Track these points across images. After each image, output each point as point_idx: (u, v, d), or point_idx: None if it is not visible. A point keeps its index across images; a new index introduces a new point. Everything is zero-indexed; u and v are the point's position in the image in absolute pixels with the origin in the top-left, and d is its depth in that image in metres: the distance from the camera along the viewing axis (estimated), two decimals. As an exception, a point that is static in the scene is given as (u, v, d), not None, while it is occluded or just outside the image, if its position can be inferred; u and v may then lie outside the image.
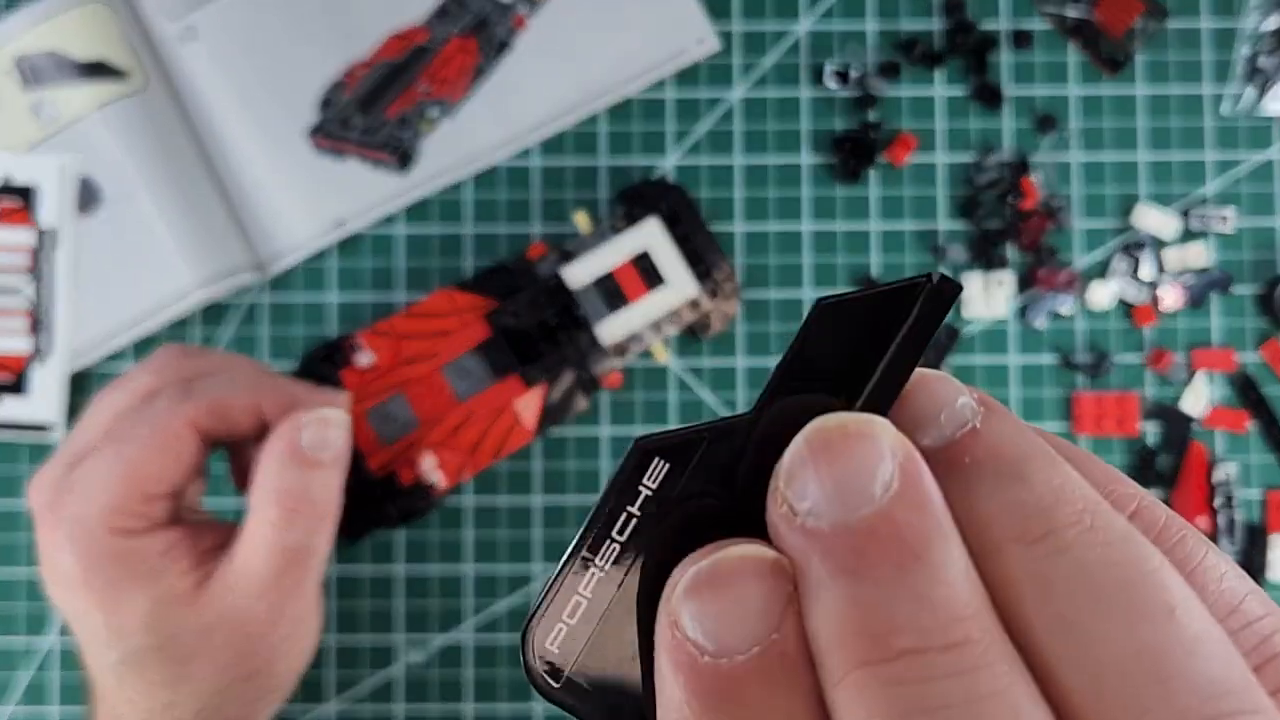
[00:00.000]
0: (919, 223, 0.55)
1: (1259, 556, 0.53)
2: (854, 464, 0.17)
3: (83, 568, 0.40)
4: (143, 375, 0.43)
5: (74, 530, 0.40)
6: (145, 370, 0.43)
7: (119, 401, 0.42)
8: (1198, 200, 0.55)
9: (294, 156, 0.54)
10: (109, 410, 0.43)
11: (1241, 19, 0.56)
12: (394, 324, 0.51)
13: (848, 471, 0.17)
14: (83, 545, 0.40)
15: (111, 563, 0.40)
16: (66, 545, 0.40)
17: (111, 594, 0.40)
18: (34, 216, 0.54)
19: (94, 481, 0.40)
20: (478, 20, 0.55)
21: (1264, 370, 0.55)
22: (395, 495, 0.50)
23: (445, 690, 0.53)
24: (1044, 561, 0.17)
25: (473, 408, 0.50)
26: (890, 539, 0.17)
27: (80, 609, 0.41)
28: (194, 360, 0.44)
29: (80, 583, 0.40)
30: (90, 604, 0.40)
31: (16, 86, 0.54)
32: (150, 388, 0.42)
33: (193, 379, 0.42)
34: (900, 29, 0.56)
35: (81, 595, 0.40)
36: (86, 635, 0.41)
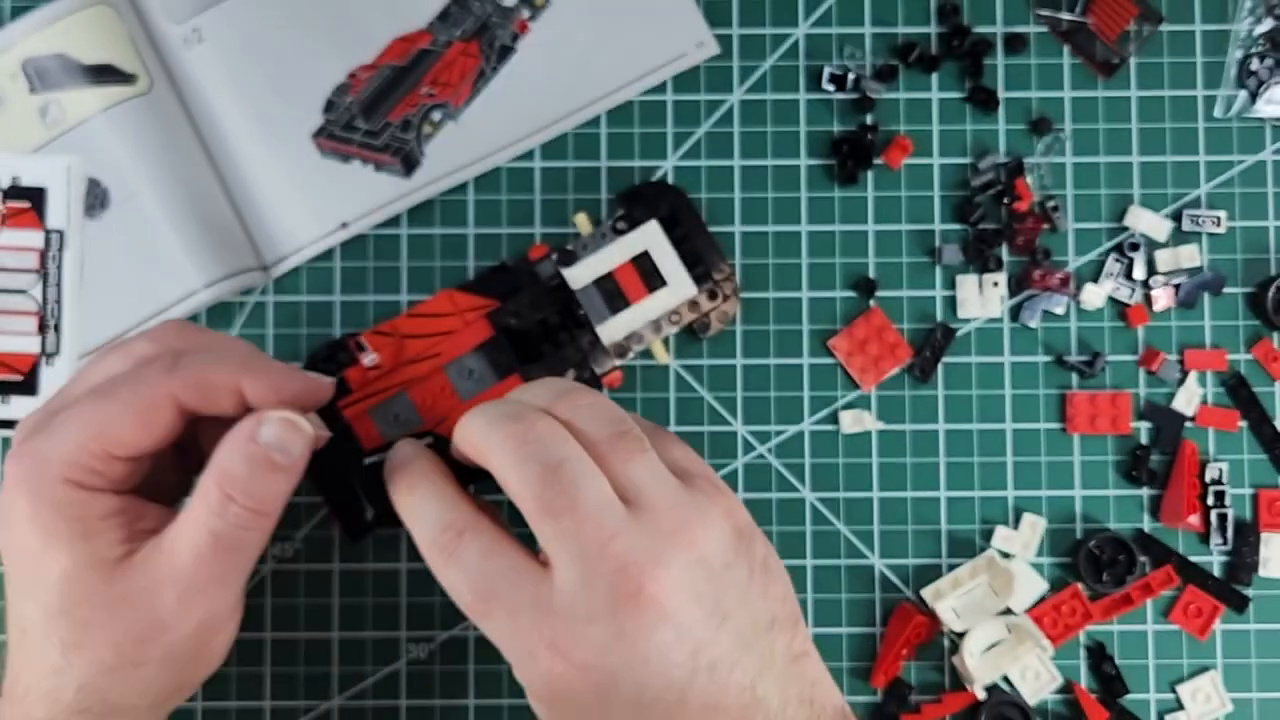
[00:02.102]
0: (915, 224, 0.56)
1: (1250, 554, 0.54)
2: None
3: (29, 505, 0.40)
4: (140, 342, 0.43)
5: (31, 469, 0.40)
6: (144, 338, 0.43)
7: (113, 363, 0.43)
8: (1191, 202, 0.56)
9: (299, 159, 0.55)
10: (102, 369, 0.43)
11: (1234, 22, 0.57)
12: (396, 324, 0.52)
13: None
14: (34, 484, 0.40)
15: (53, 509, 0.40)
16: (23, 479, 0.40)
17: (43, 540, 0.40)
18: (42, 218, 0.54)
19: (65, 429, 0.40)
20: (480, 24, 0.56)
21: (1255, 370, 0.55)
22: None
23: (447, 684, 0.54)
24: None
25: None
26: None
27: (17, 548, 0.40)
28: (191, 335, 0.44)
29: (23, 520, 0.40)
30: (24, 545, 0.40)
31: (23, 89, 0.54)
32: (145, 354, 0.43)
33: (184, 352, 0.42)
34: (897, 33, 0.56)
35: (18, 534, 0.40)
36: (11, 578, 0.41)
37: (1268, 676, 0.54)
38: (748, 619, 0.39)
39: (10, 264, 0.54)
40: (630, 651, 0.37)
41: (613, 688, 0.37)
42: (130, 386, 0.41)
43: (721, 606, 0.39)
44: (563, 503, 0.38)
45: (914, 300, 0.55)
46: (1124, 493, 0.55)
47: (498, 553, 0.39)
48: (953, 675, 0.54)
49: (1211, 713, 0.54)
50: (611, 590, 0.37)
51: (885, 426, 0.55)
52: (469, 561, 0.39)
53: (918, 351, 0.55)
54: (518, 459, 0.39)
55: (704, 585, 0.38)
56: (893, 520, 0.55)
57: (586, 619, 0.37)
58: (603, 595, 0.37)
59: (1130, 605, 0.54)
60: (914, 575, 0.55)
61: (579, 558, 0.38)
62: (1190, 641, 0.54)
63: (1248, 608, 0.54)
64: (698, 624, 0.38)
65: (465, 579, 0.39)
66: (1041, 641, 0.53)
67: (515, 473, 0.39)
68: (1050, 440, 0.55)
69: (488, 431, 0.40)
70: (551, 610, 0.38)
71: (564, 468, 0.38)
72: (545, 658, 0.38)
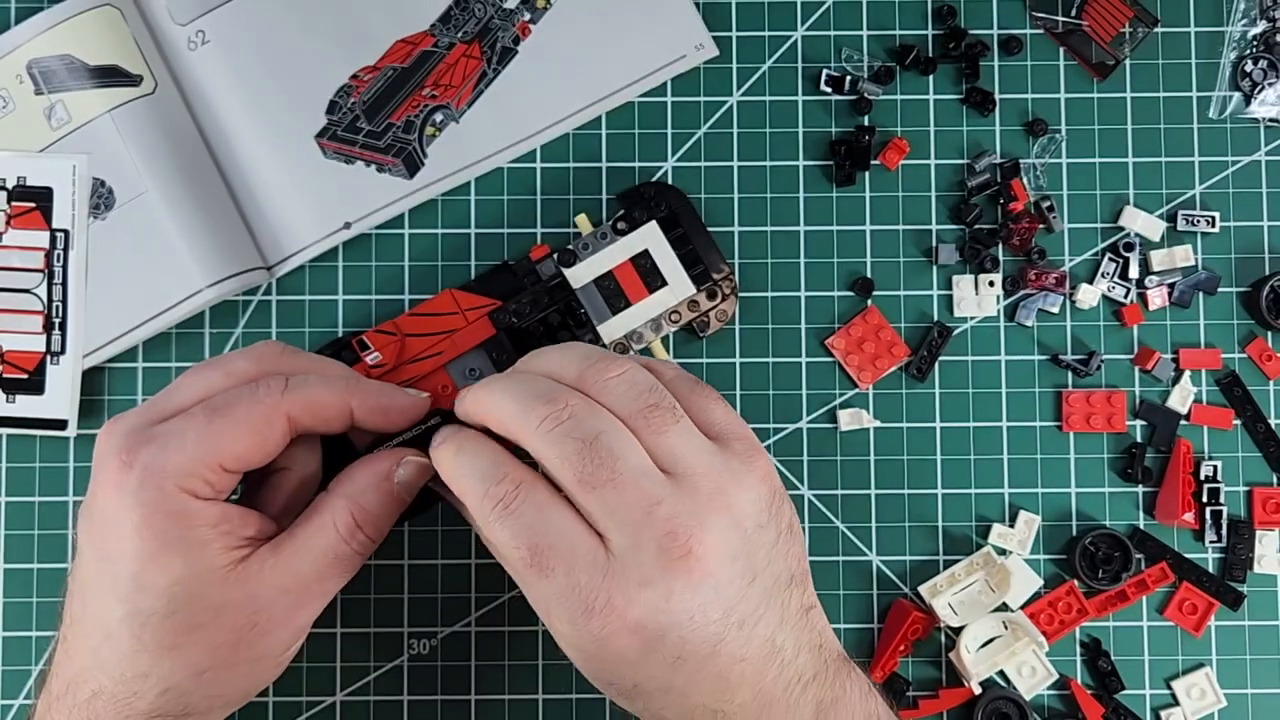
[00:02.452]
0: (912, 224, 0.56)
1: (1245, 551, 0.55)
2: None
3: (141, 514, 0.41)
4: (240, 361, 0.45)
5: (145, 476, 0.41)
6: (244, 358, 0.45)
7: (214, 379, 0.44)
8: (1185, 202, 0.56)
9: (302, 159, 0.55)
10: (202, 384, 0.44)
11: (1228, 25, 0.57)
12: (399, 323, 0.52)
13: None
14: (149, 493, 0.41)
15: (168, 518, 0.41)
16: (133, 488, 0.41)
17: (156, 547, 0.41)
18: (47, 218, 0.55)
19: (179, 439, 0.42)
20: (482, 26, 0.56)
21: (1249, 368, 0.56)
22: None
23: (449, 680, 0.55)
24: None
25: None
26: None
27: (114, 553, 0.42)
28: (291, 357, 0.46)
29: (130, 528, 0.41)
30: (128, 551, 0.41)
31: (29, 90, 0.55)
32: (246, 374, 0.44)
33: (290, 373, 0.45)
34: (894, 35, 0.57)
35: (123, 540, 0.41)
36: (101, 582, 0.42)
37: (1262, 672, 0.55)
38: (771, 577, 0.42)
39: (16, 263, 0.55)
40: (679, 611, 0.40)
41: (659, 643, 0.40)
42: (246, 405, 0.42)
43: (752, 566, 0.41)
44: (604, 474, 0.40)
45: (911, 299, 0.56)
46: (1119, 490, 0.55)
47: (553, 508, 0.41)
48: (949, 671, 0.55)
49: (1206, 708, 0.54)
50: (661, 553, 0.39)
51: (882, 424, 0.55)
52: (528, 516, 0.40)
53: (914, 350, 0.56)
54: (555, 438, 0.40)
55: (739, 546, 0.41)
56: (890, 517, 0.55)
57: (640, 582, 0.39)
58: (653, 558, 0.39)
59: (1125, 602, 0.54)
60: (911, 572, 0.55)
61: (626, 524, 0.40)
62: (1185, 637, 0.55)
63: (1242, 604, 0.55)
64: (732, 583, 0.40)
65: (524, 533, 0.40)
66: (1037, 638, 0.54)
67: (554, 450, 0.40)
68: (1046, 438, 0.56)
69: (520, 413, 0.41)
70: (608, 571, 0.40)
71: (601, 440, 0.40)
72: (600, 616, 0.39)
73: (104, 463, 0.42)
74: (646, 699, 0.42)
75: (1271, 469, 0.55)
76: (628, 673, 0.41)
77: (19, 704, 0.54)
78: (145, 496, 0.41)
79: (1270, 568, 0.55)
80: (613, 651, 0.40)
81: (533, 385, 0.42)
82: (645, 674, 0.41)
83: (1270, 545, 0.55)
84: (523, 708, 0.55)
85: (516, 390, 0.42)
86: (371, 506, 0.44)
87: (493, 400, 0.42)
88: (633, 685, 0.41)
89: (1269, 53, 0.57)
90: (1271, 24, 0.57)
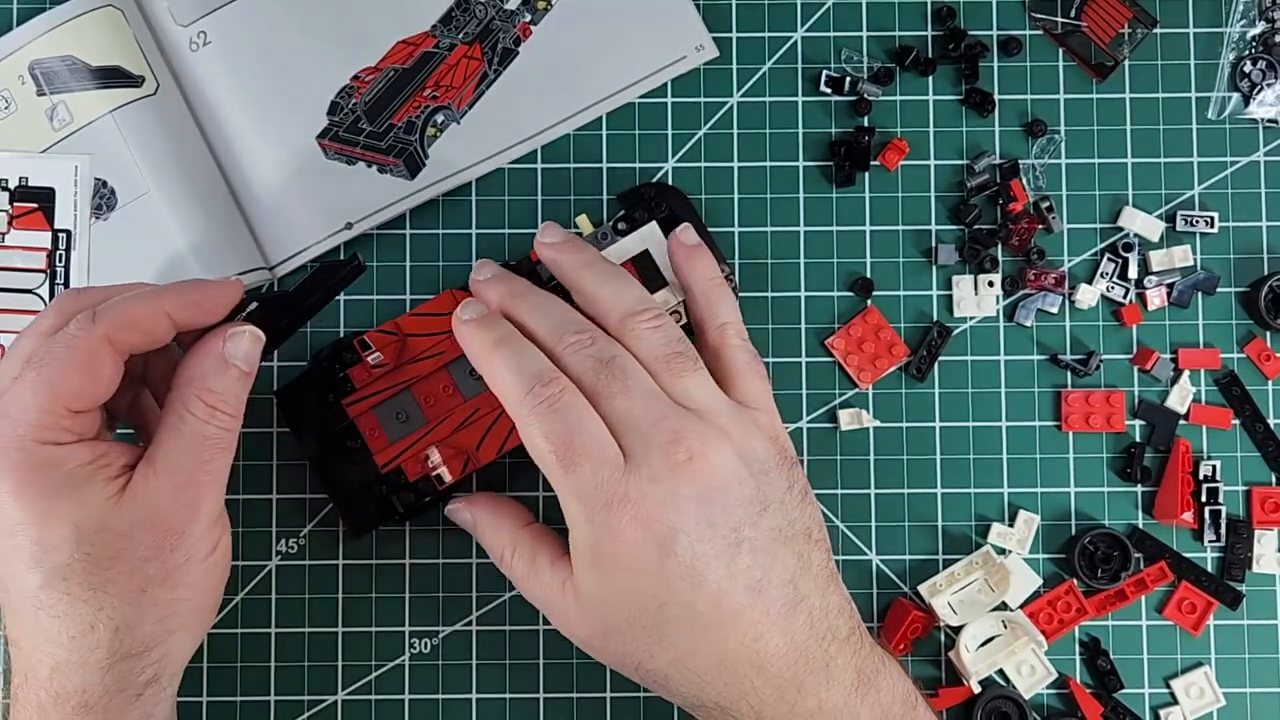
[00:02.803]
0: (911, 225, 0.56)
1: (1243, 551, 0.55)
2: None
3: (13, 481, 0.42)
4: (44, 318, 0.45)
5: (2, 445, 0.42)
6: (45, 315, 0.45)
7: (28, 345, 0.44)
8: (1184, 202, 0.57)
9: (303, 160, 0.55)
10: (19, 353, 0.44)
11: (1227, 26, 0.57)
12: (399, 323, 0.52)
13: None
14: (13, 458, 0.42)
15: (43, 471, 0.42)
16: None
17: (43, 504, 0.42)
18: (49, 218, 0.55)
19: (17, 401, 0.42)
20: (483, 27, 0.57)
21: (1248, 368, 0.56)
22: (401, 489, 0.52)
23: (451, 678, 0.55)
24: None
25: (477, 405, 0.52)
26: None
27: (5, 528, 0.42)
28: (88, 294, 0.46)
29: (9, 496, 0.42)
30: (18, 519, 0.42)
31: (31, 91, 0.55)
32: (55, 327, 0.44)
33: (94, 305, 0.45)
34: (894, 36, 0.57)
35: (8, 511, 0.42)
36: (10, 561, 0.42)
37: (1260, 671, 0.55)
38: (784, 519, 0.45)
39: (18, 264, 0.55)
40: (686, 514, 0.43)
41: (671, 545, 0.43)
42: (64, 345, 0.43)
43: (760, 497, 0.45)
44: (615, 386, 0.45)
45: (910, 300, 0.56)
46: (1118, 490, 0.56)
47: (588, 414, 0.44)
48: (949, 670, 0.55)
49: (1205, 707, 0.55)
50: (665, 456, 0.44)
51: (882, 424, 0.56)
52: (567, 416, 0.44)
53: (914, 350, 0.56)
54: (578, 355, 0.45)
55: (745, 474, 0.45)
56: (889, 517, 0.55)
57: (650, 479, 0.43)
58: (660, 459, 0.44)
59: (1124, 601, 0.55)
60: (910, 571, 0.55)
61: (637, 430, 0.44)
62: (1184, 637, 0.55)
63: (1241, 603, 0.55)
64: (739, 505, 0.44)
65: (561, 430, 0.44)
66: (1037, 637, 0.54)
67: (575, 364, 0.45)
68: (1045, 438, 0.56)
69: (553, 330, 0.46)
70: (626, 470, 0.44)
71: (616, 361, 0.45)
72: (616, 509, 0.43)
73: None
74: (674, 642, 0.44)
75: (1270, 469, 0.56)
76: (649, 587, 0.43)
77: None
78: (10, 461, 0.42)
79: (1269, 567, 0.55)
80: (629, 553, 0.43)
81: (564, 313, 0.47)
82: (666, 590, 0.43)
83: (1269, 545, 0.55)
84: (524, 706, 0.55)
85: (552, 312, 0.47)
86: (217, 387, 0.45)
87: (534, 314, 0.47)
88: (659, 607, 0.43)
89: (1268, 53, 0.57)
90: (1270, 25, 0.57)
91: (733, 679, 0.44)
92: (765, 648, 0.44)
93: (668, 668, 0.45)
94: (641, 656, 0.45)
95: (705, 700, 0.45)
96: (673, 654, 0.44)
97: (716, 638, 0.44)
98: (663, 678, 0.45)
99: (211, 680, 0.54)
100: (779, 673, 0.44)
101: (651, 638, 0.44)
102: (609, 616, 0.45)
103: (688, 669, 0.44)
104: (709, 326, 0.50)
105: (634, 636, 0.45)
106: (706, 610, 0.43)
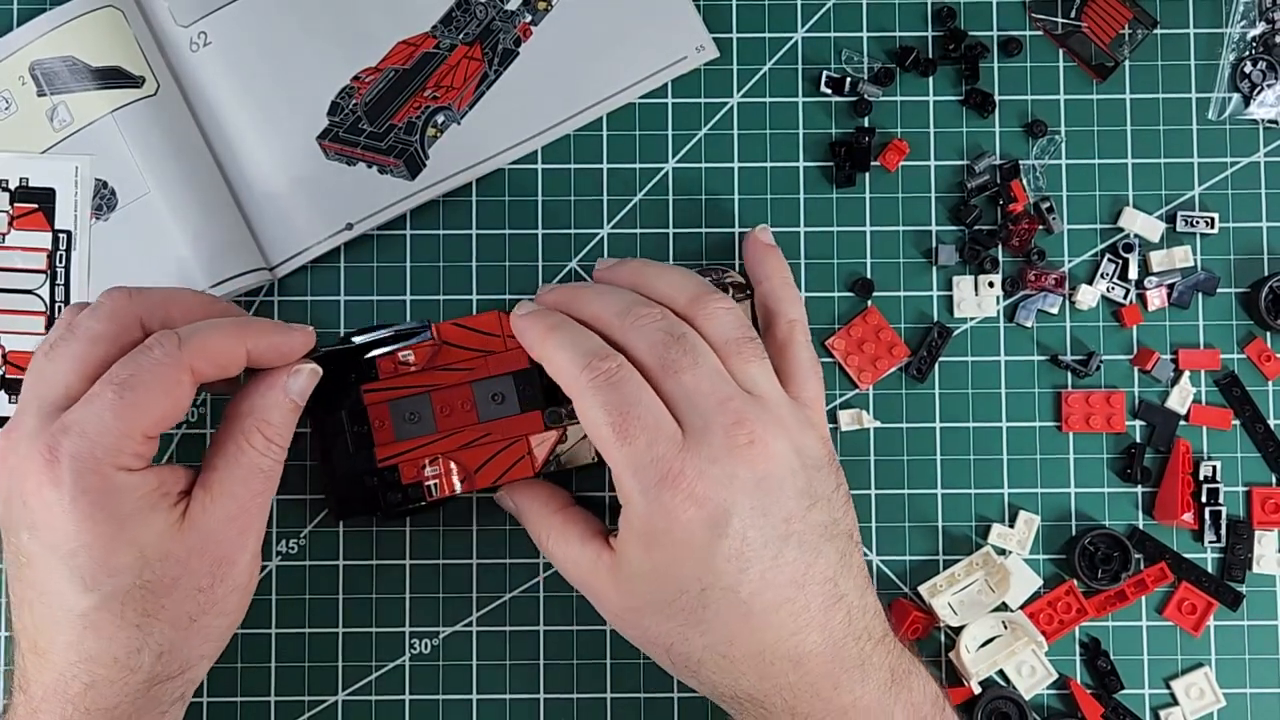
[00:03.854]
0: (911, 225, 0.56)
1: (1244, 551, 0.55)
2: None
3: (86, 504, 0.42)
4: (96, 324, 0.44)
5: (77, 467, 0.42)
6: (97, 319, 0.44)
7: (81, 350, 0.44)
8: (1184, 203, 0.57)
9: (304, 161, 0.55)
10: (71, 359, 0.44)
11: (1227, 26, 0.57)
12: (439, 328, 0.51)
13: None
14: (88, 481, 0.42)
15: (117, 498, 0.42)
16: (68, 482, 0.41)
17: (113, 528, 0.42)
18: (50, 219, 0.55)
19: (96, 422, 0.42)
20: (483, 28, 0.57)
21: (1248, 369, 0.56)
22: (390, 489, 0.51)
23: (451, 679, 0.55)
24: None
25: (490, 430, 0.51)
26: None
27: (67, 549, 0.42)
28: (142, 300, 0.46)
29: (78, 518, 0.42)
30: (85, 541, 0.42)
31: (31, 91, 0.55)
32: (110, 335, 0.44)
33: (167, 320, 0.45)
34: (894, 37, 0.57)
35: (73, 532, 0.42)
36: (59, 580, 0.42)
37: (1261, 672, 0.55)
38: (830, 516, 0.45)
39: (19, 264, 0.55)
40: (741, 497, 0.43)
41: (724, 527, 0.43)
42: (150, 371, 0.43)
43: (811, 491, 0.45)
44: (686, 361, 0.45)
45: (910, 300, 0.56)
46: (1119, 490, 0.56)
47: (646, 389, 0.45)
48: (949, 670, 0.55)
49: (1205, 708, 0.55)
50: (727, 437, 0.44)
51: (882, 425, 0.56)
52: (625, 389, 0.44)
53: (914, 351, 0.56)
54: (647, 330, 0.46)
55: (798, 466, 0.45)
56: (890, 517, 0.55)
57: (709, 458, 0.43)
58: (720, 439, 0.43)
59: (1125, 601, 0.55)
60: (911, 571, 0.55)
61: (700, 408, 0.44)
62: (1184, 637, 0.55)
63: (1241, 604, 0.55)
64: (791, 497, 0.44)
65: (618, 403, 0.44)
66: (1037, 637, 0.54)
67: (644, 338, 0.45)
68: (1045, 438, 0.56)
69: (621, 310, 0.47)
70: (684, 447, 0.43)
71: (687, 337, 0.45)
72: (671, 485, 0.43)
73: (24, 467, 0.42)
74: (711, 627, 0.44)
75: (1270, 469, 0.56)
76: (694, 568, 0.43)
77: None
78: (86, 484, 0.42)
79: (1269, 568, 0.55)
80: (680, 530, 0.43)
81: (631, 294, 0.48)
82: (711, 573, 0.43)
83: (1269, 545, 0.55)
84: (524, 707, 0.55)
85: (619, 295, 0.48)
86: (275, 420, 0.46)
87: (600, 299, 0.48)
88: (701, 590, 0.43)
89: (1268, 54, 0.57)
90: (1270, 25, 0.57)
91: (769, 671, 0.44)
92: (804, 642, 0.44)
93: (701, 653, 0.45)
94: (675, 639, 0.45)
95: (738, 691, 0.45)
96: (709, 639, 0.44)
97: (756, 628, 0.44)
98: (695, 663, 0.45)
99: (212, 680, 0.54)
100: (816, 668, 0.44)
101: (689, 621, 0.44)
102: (648, 593, 0.45)
103: (723, 657, 0.44)
104: (779, 322, 0.50)
105: (671, 617, 0.44)
106: (749, 598, 0.43)
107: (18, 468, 0.43)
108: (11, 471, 0.43)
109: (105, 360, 0.44)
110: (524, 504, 0.51)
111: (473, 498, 0.55)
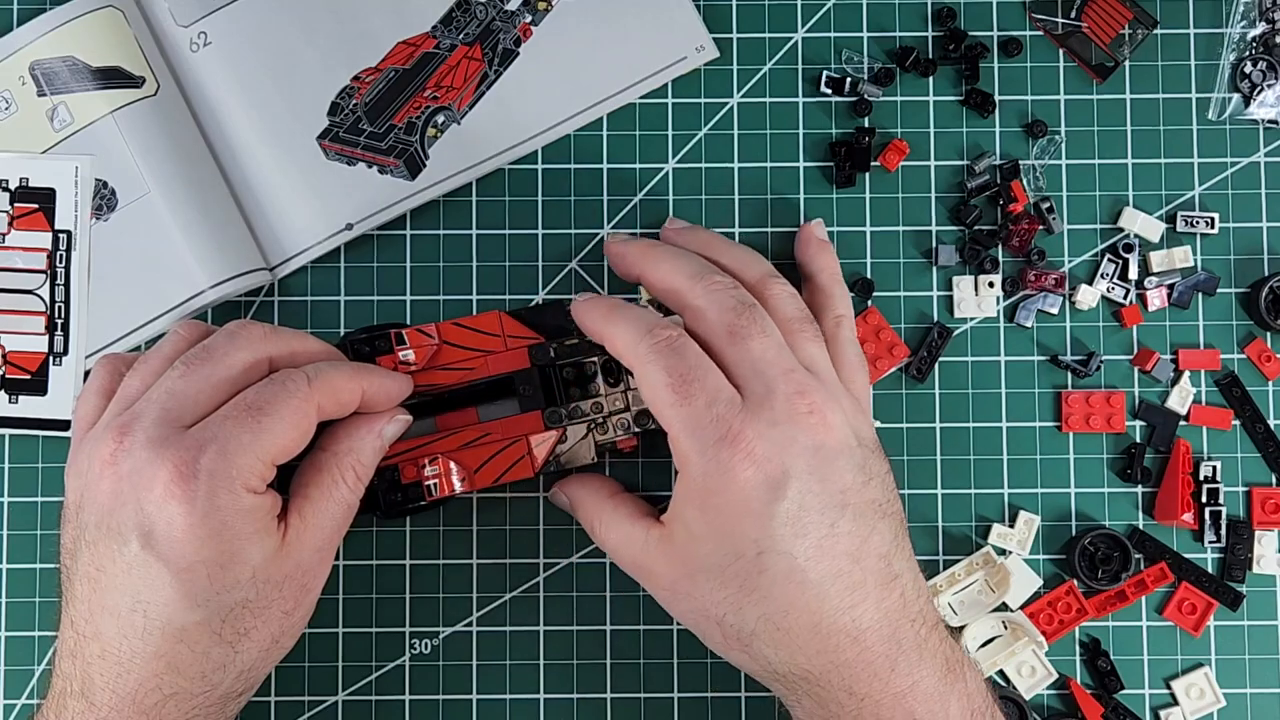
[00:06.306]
0: (911, 225, 0.56)
1: (1244, 551, 0.55)
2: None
3: (217, 521, 0.43)
4: (236, 351, 0.46)
5: (214, 483, 0.42)
6: (237, 346, 0.46)
7: (217, 374, 0.45)
8: (1184, 203, 0.57)
9: (304, 161, 0.55)
10: (208, 382, 0.45)
11: (1227, 27, 0.57)
12: (440, 328, 0.51)
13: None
14: (222, 499, 0.43)
15: (243, 518, 0.43)
16: (202, 496, 0.42)
17: (234, 547, 0.43)
18: (50, 219, 0.55)
19: (236, 441, 0.43)
20: (483, 28, 0.57)
21: (1248, 369, 0.56)
22: (390, 488, 0.51)
23: (451, 679, 0.55)
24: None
25: (490, 430, 0.51)
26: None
27: (186, 563, 0.42)
28: (276, 340, 0.48)
29: (204, 535, 0.42)
30: (206, 556, 0.43)
31: (32, 92, 0.55)
32: (250, 364, 0.46)
33: (293, 360, 0.47)
34: (894, 37, 0.57)
35: (197, 548, 0.42)
36: (171, 592, 0.43)
37: (1261, 672, 0.55)
38: (884, 494, 0.46)
39: (19, 264, 0.55)
40: (800, 462, 0.43)
41: (781, 490, 0.43)
42: (285, 401, 0.45)
43: (866, 469, 0.45)
44: (755, 329, 0.46)
45: (910, 300, 0.56)
46: (1119, 490, 0.56)
47: (704, 356, 0.45)
48: (949, 671, 0.55)
49: (1205, 708, 0.55)
50: (789, 404, 0.44)
51: (882, 425, 0.56)
52: (687, 354, 0.45)
53: (914, 351, 0.56)
54: (718, 296, 0.47)
55: (854, 444, 0.45)
56: (890, 518, 0.55)
57: (770, 421, 0.44)
58: (783, 405, 0.44)
59: (1125, 602, 0.55)
60: (911, 572, 0.55)
61: (763, 374, 0.45)
62: (1184, 637, 0.55)
63: (1241, 604, 0.55)
64: (849, 469, 0.44)
65: (678, 365, 0.45)
66: (1037, 637, 0.54)
67: (715, 303, 0.46)
68: (1045, 438, 0.56)
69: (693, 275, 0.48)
70: (744, 409, 0.44)
71: (756, 307, 0.47)
72: (729, 445, 0.43)
73: (147, 475, 0.42)
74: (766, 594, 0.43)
75: (1270, 469, 0.56)
76: (751, 529, 0.43)
77: (21, 704, 0.54)
78: (219, 501, 0.43)
79: (1269, 568, 0.55)
80: (737, 490, 0.43)
81: (702, 262, 0.49)
82: (769, 536, 0.43)
83: (1269, 545, 0.55)
84: (524, 707, 0.55)
85: (693, 258, 0.49)
86: (367, 460, 0.48)
87: (674, 259, 0.49)
88: (757, 554, 0.43)
89: (1268, 54, 0.57)
90: (1271, 26, 0.57)
91: (826, 646, 0.44)
92: (861, 617, 0.43)
93: (756, 624, 0.44)
94: (728, 609, 0.44)
95: (793, 668, 0.44)
96: (764, 609, 0.44)
97: (813, 597, 0.43)
98: (748, 635, 0.44)
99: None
100: (873, 646, 0.44)
101: (744, 588, 0.44)
102: (702, 558, 0.44)
103: (778, 628, 0.44)
104: (827, 316, 0.50)
105: (725, 584, 0.44)
106: (805, 564, 0.43)
107: (137, 474, 0.43)
108: (125, 478, 0.43)
109: (237, 387, 0.45)
110: (577, 495, 0.52)
111: (473, 498, 0.55)
